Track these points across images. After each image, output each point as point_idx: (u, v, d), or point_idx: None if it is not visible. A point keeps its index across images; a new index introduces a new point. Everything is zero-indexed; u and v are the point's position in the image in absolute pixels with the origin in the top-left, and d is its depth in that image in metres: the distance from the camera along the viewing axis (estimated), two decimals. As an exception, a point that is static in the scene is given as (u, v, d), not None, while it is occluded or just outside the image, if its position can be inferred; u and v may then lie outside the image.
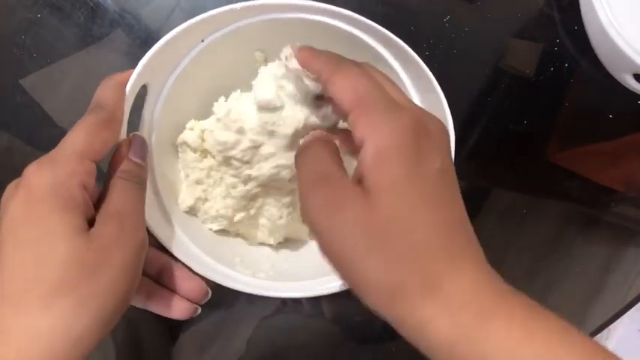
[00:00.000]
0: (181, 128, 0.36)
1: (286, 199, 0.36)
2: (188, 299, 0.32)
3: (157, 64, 0.31)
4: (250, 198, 0.36)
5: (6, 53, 0.44)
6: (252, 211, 0.36)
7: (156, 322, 0.44)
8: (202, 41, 0.33)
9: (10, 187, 0.26)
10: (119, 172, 0.29)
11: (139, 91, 0.32)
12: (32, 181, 0.25)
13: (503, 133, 0.46)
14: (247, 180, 0.34)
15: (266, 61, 0.38)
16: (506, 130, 0.46)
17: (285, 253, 0.39)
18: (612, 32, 0.41)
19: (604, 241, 0.47)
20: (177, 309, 0.31)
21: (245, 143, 0.32)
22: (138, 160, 0.30)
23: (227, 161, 0.34)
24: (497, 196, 0.48)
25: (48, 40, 0.44)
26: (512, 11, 0.46)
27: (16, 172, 0.26)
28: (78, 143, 0.27)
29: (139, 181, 0.29)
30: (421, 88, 0.34)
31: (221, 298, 0.44)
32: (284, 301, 0.45)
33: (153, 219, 0.32)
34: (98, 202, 0.28)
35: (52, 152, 0.27)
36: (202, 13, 0.31)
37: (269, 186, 0.35)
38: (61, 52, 0.44)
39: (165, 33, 0.31)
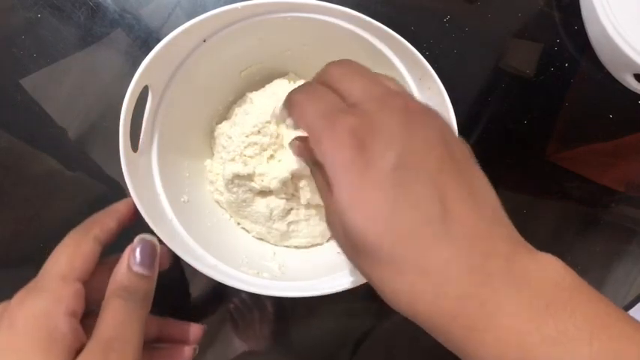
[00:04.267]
0: (183, 128, 0.36)
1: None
2: (189, 343, 0.33)
3: (159, 64, 0.31)
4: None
5: (6, 53, 0.44)
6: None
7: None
8: (204, 41, 0.33)
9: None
10: (115, 289, 0.26)
11: (141, 91, 0.31)
12: (16, 313, 0.24)
13: (503, 133, 0.46)
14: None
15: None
16: (506, 130, 0.46)
17: (294, 253, 0.39)
18: (612, 32, 0.41)
19: (604, 241, 0.47)
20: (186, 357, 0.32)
21: None
22: (142, 271, 0.27)
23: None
24: (497, 195, 0.47)
25: (48, 40, 0.44)
26: (512, 11, 0.46)
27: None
28: (58, 265, 0.26)
29: (141, 297, 0.27)
30: (424, 88, 0.34)
31: (222, 297, 0.44)
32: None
33: (155, 218, 0.32)
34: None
35: (37, 277, 0.26)
36: (202, 12, 0.31)
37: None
38: (61, 52, 0.44)
39: (166, 33, 0.31)
